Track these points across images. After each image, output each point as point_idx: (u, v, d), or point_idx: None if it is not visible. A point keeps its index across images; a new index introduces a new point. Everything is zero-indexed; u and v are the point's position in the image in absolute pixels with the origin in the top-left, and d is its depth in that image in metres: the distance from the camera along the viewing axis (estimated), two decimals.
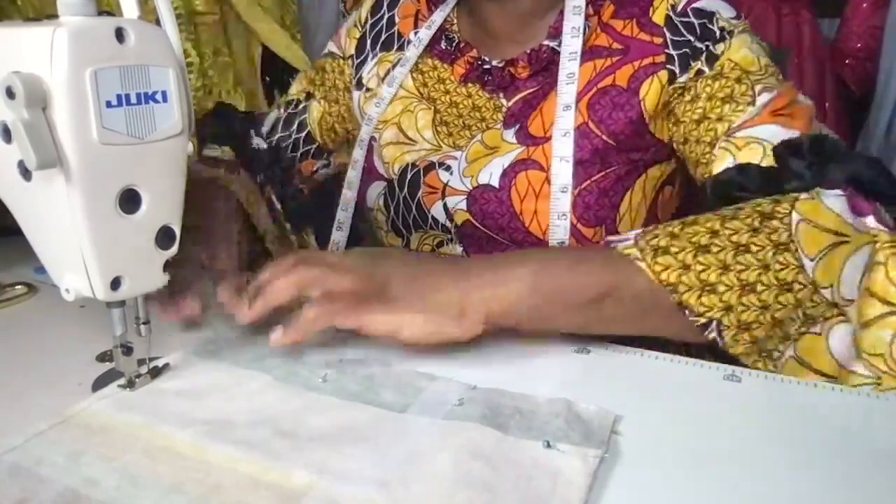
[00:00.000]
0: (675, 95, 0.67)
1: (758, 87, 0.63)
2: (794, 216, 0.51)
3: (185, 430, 0.42)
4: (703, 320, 0.49)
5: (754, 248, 0.50)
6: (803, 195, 0.52)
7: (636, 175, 0.70)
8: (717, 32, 0.66)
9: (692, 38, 0.66)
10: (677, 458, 0.41)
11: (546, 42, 0.71)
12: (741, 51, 0.65)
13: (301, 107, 0.88)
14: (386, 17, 0.84)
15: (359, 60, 0.84)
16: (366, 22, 0.85)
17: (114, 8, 1.30)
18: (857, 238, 0.50)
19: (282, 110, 0.89)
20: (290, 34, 1.61)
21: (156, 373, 0.48)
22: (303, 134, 0.88)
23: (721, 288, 0.49)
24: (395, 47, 0.82)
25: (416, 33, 0.80)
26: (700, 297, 0.49)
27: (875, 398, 0.48)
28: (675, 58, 0.66)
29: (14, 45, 0.39)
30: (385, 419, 0.43)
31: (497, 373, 0.49)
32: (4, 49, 0.39)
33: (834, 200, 0.51)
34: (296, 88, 0.89)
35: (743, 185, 0.57)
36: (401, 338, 0.49)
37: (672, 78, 0.66)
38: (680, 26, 0.67)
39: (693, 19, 0.66)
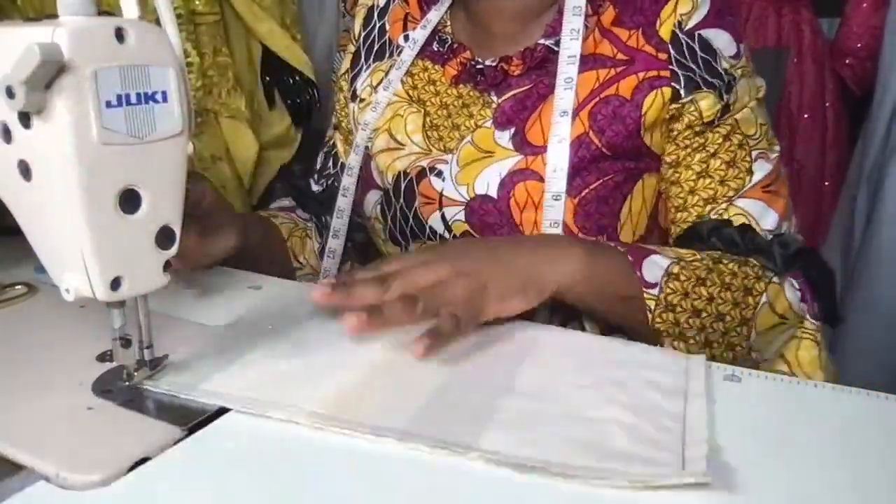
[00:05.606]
0: (676, 114, 0.67)
1: (754, 154, 0.67)
2: (763, 298, 0.62)
3: None
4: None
5: (728, 319, 0.61)
6: (775, 278, 0.63)
7: (633, 182, 0.69)
8: (724, 76, 0.66)
9: (696, 69, 0.66)
10: None
11: (542, 41, 0.70)
12: (743, 112, 0.68)
13: (332, 142, 0.89)
14: (377, 27, 0.83)
15: (354, 73, 0.84)
16: (359, 36, 0.85)
17: (114, 8, 1.29)
18: (793, 320, 0.63)
19: (325, 149, 0.90)
20: (290, 34, 1.60)
21: (154, 364, 0.48)
22: (339, 168, 0.87)
23: (690, 333, 0.60)
24: (387, 55, 0.81)
25: (406, 36, 0.79)
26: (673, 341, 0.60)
27: (875, 398, 0.48)
28: (681, 77, 0.66)
29: (14, 45, 0.39)
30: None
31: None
32: (4, 49, 0.39)
33: (792, 293, 0.63)
34: (332, 121, 0.90)
35: (716, 243, 0.66)
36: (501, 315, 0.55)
37: (676, 96, 0.66)
38: (685, 49, 0.66)
39: (697, 49, 0.66)
